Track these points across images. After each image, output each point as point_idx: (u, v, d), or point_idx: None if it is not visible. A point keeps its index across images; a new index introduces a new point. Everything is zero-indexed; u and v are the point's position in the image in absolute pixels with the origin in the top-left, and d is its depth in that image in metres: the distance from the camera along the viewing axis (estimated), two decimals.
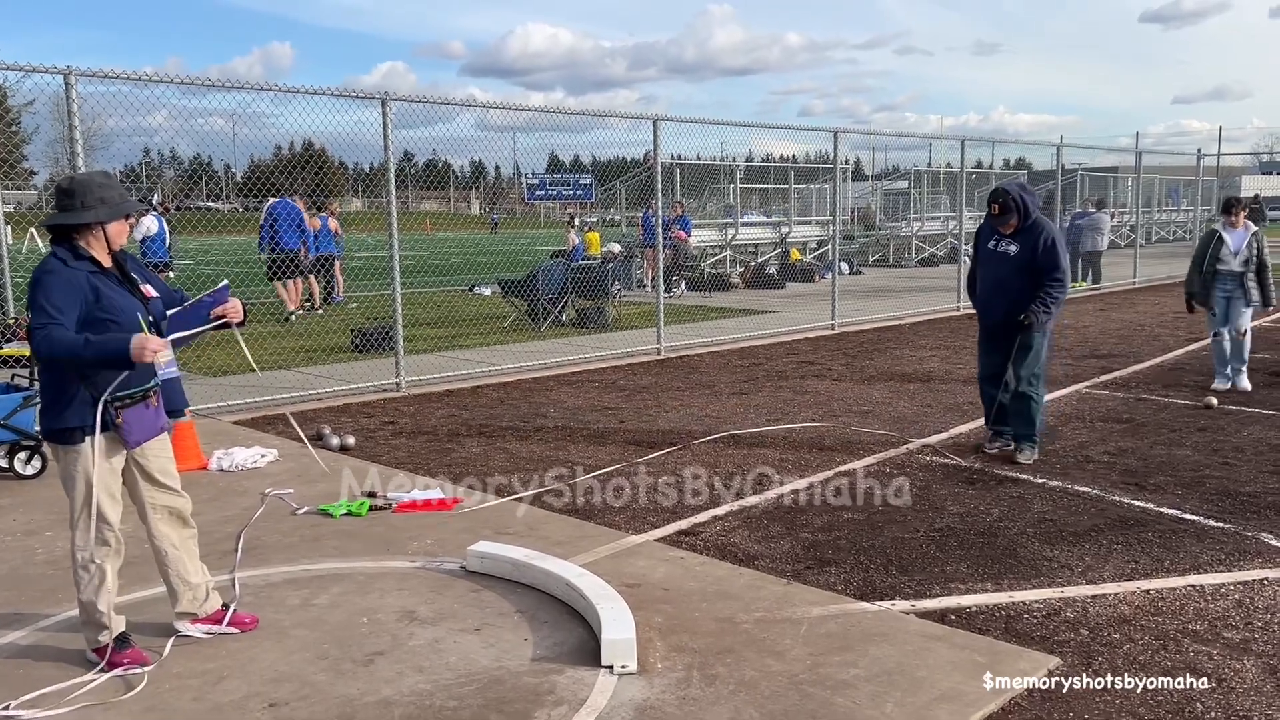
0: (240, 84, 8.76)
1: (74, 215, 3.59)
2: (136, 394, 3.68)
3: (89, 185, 3.62)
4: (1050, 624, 4.09)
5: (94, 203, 3.60)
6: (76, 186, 3.62)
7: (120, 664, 3.69)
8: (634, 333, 12.82)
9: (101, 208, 3.61)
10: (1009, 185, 6.60)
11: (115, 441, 3.65)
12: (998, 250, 6.65)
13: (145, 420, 3.71)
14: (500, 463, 6.75)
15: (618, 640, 3.68)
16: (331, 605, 4.32)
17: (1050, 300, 6.44)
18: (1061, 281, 6.47)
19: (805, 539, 5.16)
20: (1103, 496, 5.87)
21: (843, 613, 4.18)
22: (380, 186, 9.38)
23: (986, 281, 6.79)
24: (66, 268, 3.55)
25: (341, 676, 3.65)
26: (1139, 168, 22.60)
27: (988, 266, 6.77)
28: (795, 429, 7.74)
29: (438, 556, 4.90)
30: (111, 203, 3.64)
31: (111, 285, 3.64)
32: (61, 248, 3.61)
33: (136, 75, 7.76)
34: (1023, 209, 6.48)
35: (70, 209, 3.59)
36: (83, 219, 3.59)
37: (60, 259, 3.57)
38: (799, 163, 25.73)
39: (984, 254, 6.80)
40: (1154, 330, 13.62)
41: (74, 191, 3.60)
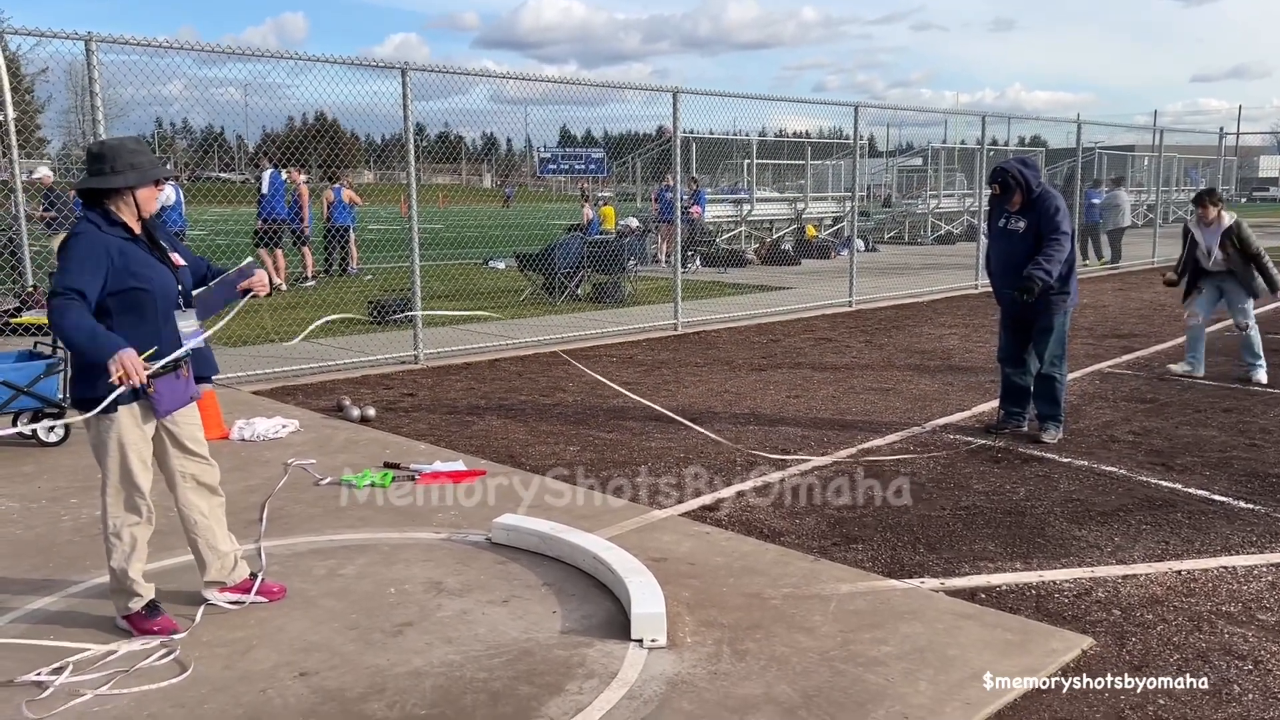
0: (259, 52, 8.69)
1: (105, 180, 3.55)
2: (168, 364, 3.65)
3: (120, 150, 3.59)
4: (1082, 604, 4.05)
5: (124, 168, 3.57)
6: (108, 151, 3.58)
7: (150, 631, 3.69)
8: (650, 308, 12.77)
9: (132, 173, 3.57)
10: (1007, 164, 6.50)
11: (146, 409, 3.63)
12: (1007, 228, 6.54)
13: (176, 390, 3.70)
14: (521, 436, 6.73)
15: (648, 614, 3.67)
16: (358, 575, 4.32)
17: (1047, 261, 6.20)
18: (1060, 242, 6.26)
19: (830, 516, 5.13)
20: (1129, 476, 5.82)
21: (871, 590, 4.15)
22: (392, 159, 9.34)
23: (999, 261, 6.70)
24: (100, 233, 3.53)
25: (371, 647, 3.64)
26: (1160, 146, 22.36)
27: (999, 244, 6.67)
28: (816, 405, 7.70)
29: (462, 529, 4.89)
30: (142, 168, 3.60)
31: (143, 252, 3.62)
32: (94, 213, 3.58)
33: (156, 42, 7.71)
34: (1025, 185, 6.37)
35: (101, 173, 3.56)
36: (113, 184, 3.55)
37: (94, 223, 3.54)
38: (813, 138, 25.48)
39: (995, 232, 6.70)
40: (1174, 310, 13.45)
41: (105, 156, 3.57)
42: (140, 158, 3.61)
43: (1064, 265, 6.37)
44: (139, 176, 3.59)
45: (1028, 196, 6.37)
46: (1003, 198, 6.41)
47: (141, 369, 3.45)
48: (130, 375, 3.41)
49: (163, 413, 3.67)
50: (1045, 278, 6.21)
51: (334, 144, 18.11)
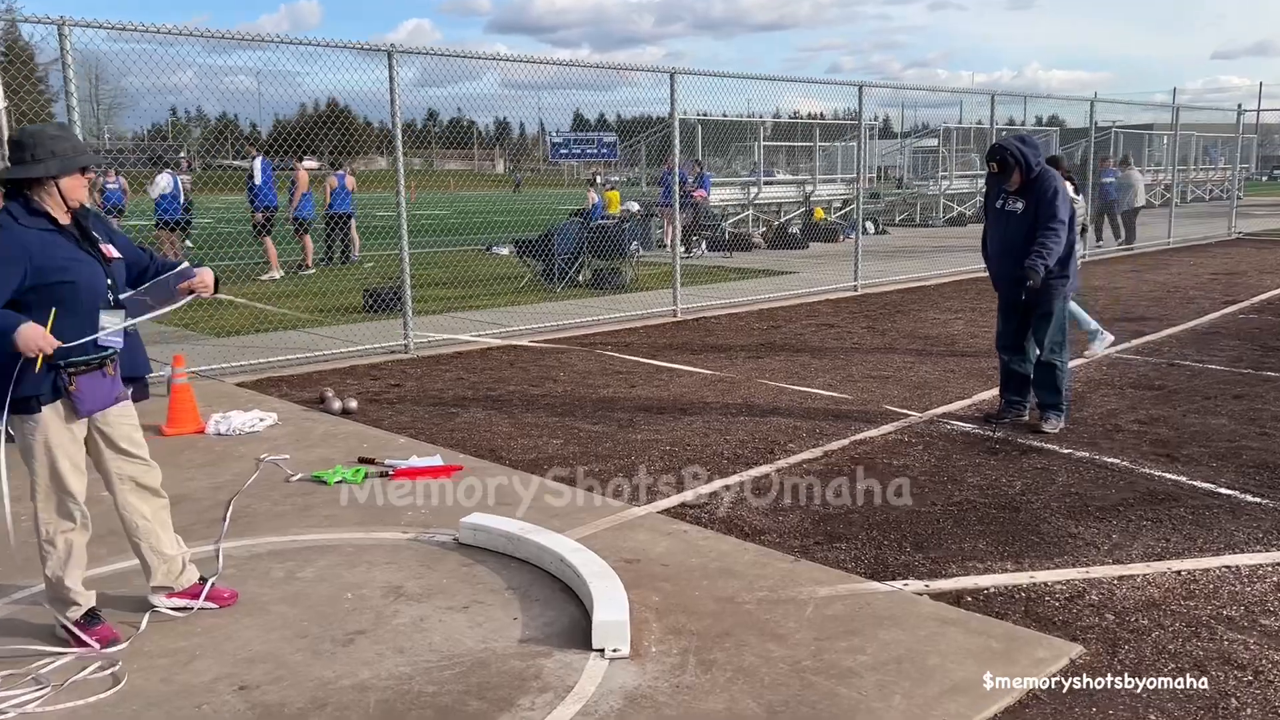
0: (248, 36, 8.48)
1: (23, 169, 3.37)
2: (92, 360, 3.48)
3: (40, 137, 3.40)
4: (1073, 608, 3.84)
5: (45, 155, 3.38)
6: (27, 138, 3.40)
7: (89, 642, 3.53)
8: (650, 294, 12.54)
9: (53, 161, 3.38)
10: (1006, 141, 6.23)
11: (70, 409, 3.46)
12: (1005, 209, 6.27)
13: (100, 388, 3.51)
14: (504, 429, 6.54)
15: (610, 622, 3.48)
16: (316, 579, 4.14)
17: (1045, 249, 5.98)
18: (1056, 231, 6.03)
19: (816, 512, 4.92)
20: (1132, 469, 5.58)
21: (851, 593, 3.95)
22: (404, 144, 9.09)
23: (995, 243, 6.43)
24: (16, 225, 3.35)
25: (319, 657, 3.47)
26: (1176, 124, 21.90)
27: (996, 226, 6.40)
28: (811, 394, 7.48)
29: (431, 528, 4.70)
30: (64, 155, 3.41)
31: (68, 244, 3.43)
32: (15, 204, 3.40)
33: (132, 26, 7.51)
34: (1024, 163, 6.10)
35: (20, 162, 3.38)
36: (32, 173, 3.37)
37: (12, 215, 3.36)
38: (826, 120, 25.13)
39: (993, 214, 6.43)
40: (1188, 292, 13.19)
41: (24, 144, 3.38)
42: (62, 144, 3.42)
43: (1064, 249, 6.13)
44: (60, 165, 3.40)
45: (1026, 176, 6.11)
46: (1000, 176, 6.15)
47: (49, 340, 3.26)
48: (39, 349, 3.24)
49: (84, 412, 3.49)
50: (1043, 268, 5.97)
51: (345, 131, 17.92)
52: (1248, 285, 13.83)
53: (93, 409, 3.51)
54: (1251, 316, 11.13)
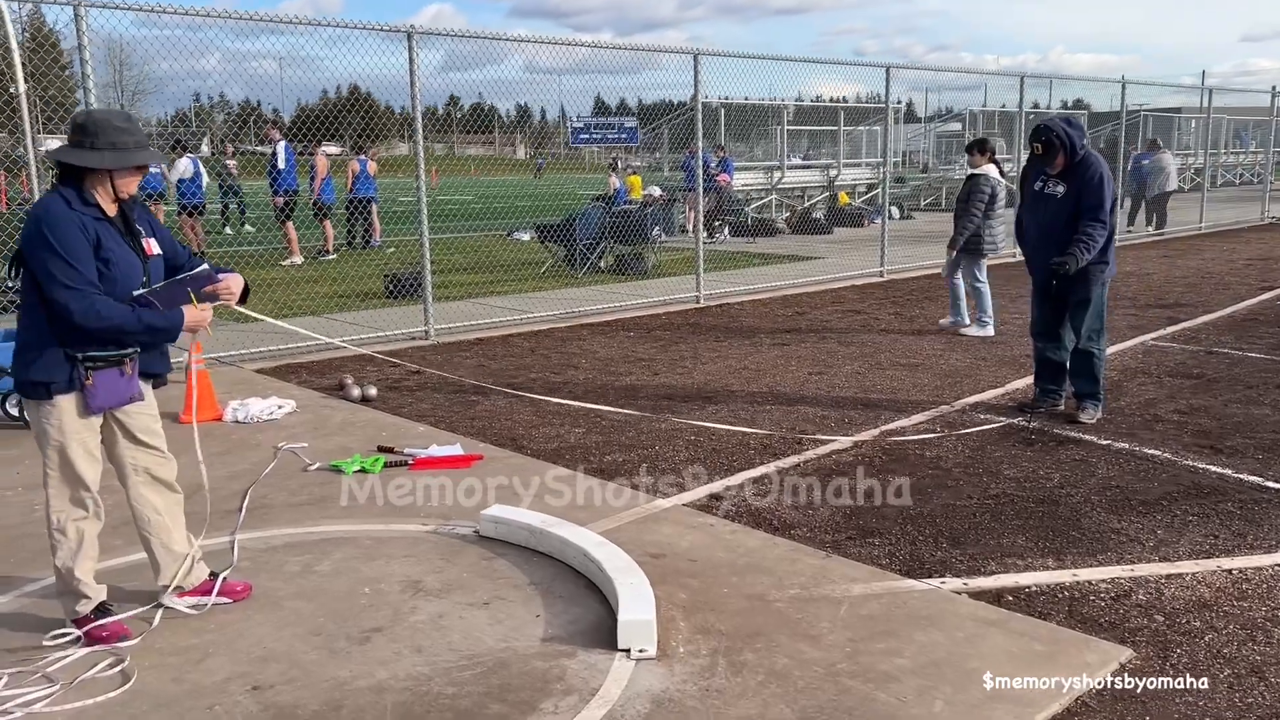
0: (268, 17, 8.36)
1: (79, 155, 3.28)
2: (111, 357, 3.38)
3: (104, 126, 3.30)
4: (1120, 608, 3.67)
5: (104, 145, 3.28)
6: (90, 124, 3.30)
7: (99, 637, 3.42)
8: (673, 280, 12.38)
9: (110, 153, 3.29)
10: (1052, 122, 6.00)
11: (83, 403, 3.35)
12: (1045, 192, 6.05)
13: (115, 385, 3.40)
14: (525, 417, 6.41)
15: (636, 621, 3.34)
16: (333, 573, 4.02)
17: (1088, 242, 5.78)
18: (1102, 222, 5.83)
19: (847, 505, 4.76)
20: (1174, 461, 5.39)
21: (887, 591, 3.79)
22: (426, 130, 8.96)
23: (1033, 228, 6.20)
24: (70, 210, 3.25)
25: (335, 656, 3.35)
26: (1209, 108, 21.45)
27: (1035, 211, 6.18)
28: (839, 381, 7.30)
29: (451, 520, 4.58)
30: (123, 149, 3.31)
31: (113, 236, 3.34)
32: (69, 189, 3.30)
33: (149, 8, 7.39)
34: (1069, 145, 5.88)
35: (79, 146, 3.29)
36: (87, 161, 3.27)
37: (66, 201, 3.27)
38: (849, 104, 24.80)
39: (1031, 197, 6.21)
40: (1224, 278, 12.89)
41: (86, 129, 3.29)
42: (124, 137, 3.31)
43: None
44: (116, 158, 3.29)
45: (1070, 159, 5.89)
46: (1044, 158, 5.91)
47: (207, 312, 3.46)
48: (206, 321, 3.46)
49: (95, 408, 3.36)
50: (1084, 258, 5.76)
51: (368, 116, 17.83)
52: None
53: (104, 406, 3.39)
54: None
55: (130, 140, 3.33)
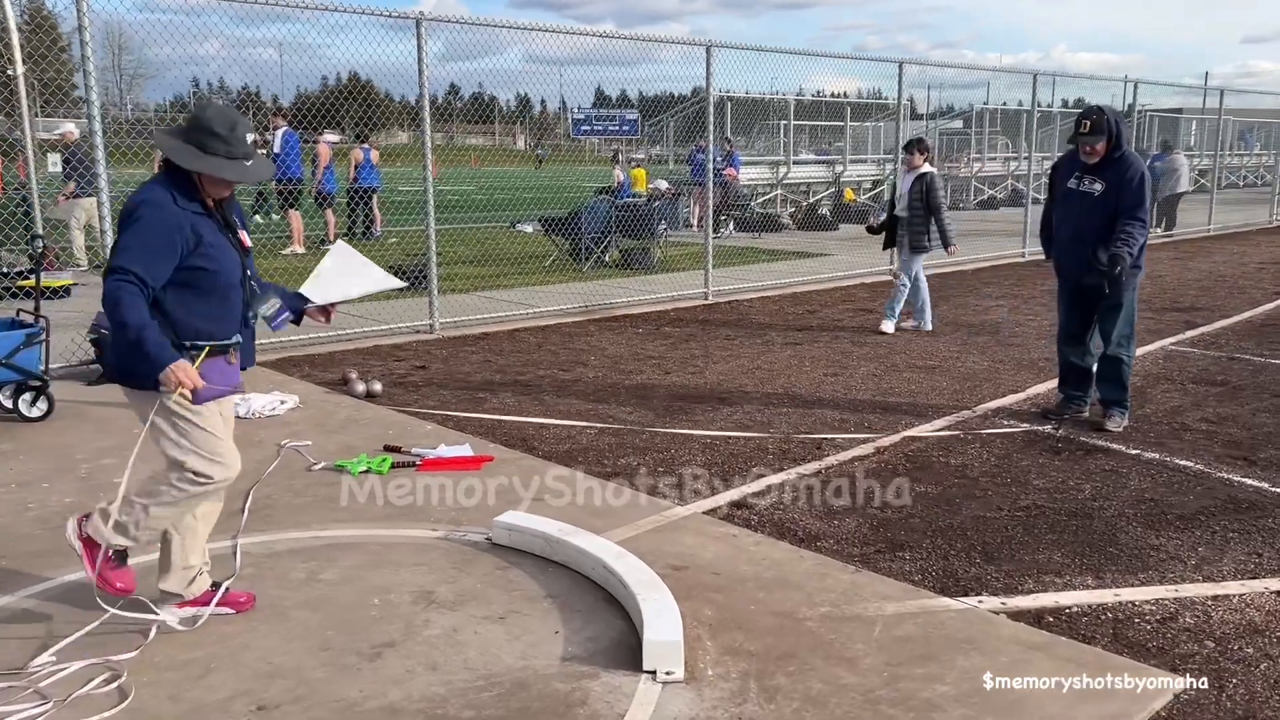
0: (272, 1, 8.14)
1: (173, 144, 3.16)
2: (217, 347, 3.27)
3: (203, 125, 3.16)
4: (1167, 632, 3.50)
5: (194, 144, 3.16)
6: (195, 118, 3.19)
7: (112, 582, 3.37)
8: (680, 275, 12.19)
9: (193, 153, 3.15)
10: (1104, 106, 5.81)
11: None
12: (1079, 189, 5.80)
13: (223, 376, 3.31)
14: (535, 417, 6.23)
15: (662, 642, 3.16)
16: (340, 581, 3.84)
17: (1131, 240, 5.56)
18: (1143, 222, 5.62)
19: (873, 516, 4.58)
20: (1207, 473, 5.22)
21: (922, 610, 3.62)
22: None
23: (1065, 227, 5.96)
24: (174, 207, 3.13)
25: (344, 673, 3.17)
26: (1220, 109, 21.26)
27: (1067, 209, 5.93)
28: (855, 384, 7.13)
29: (462, 526, 4.40)
30: (211, 154, 3.15)
31: (214, 230, 3.23)
32: (174, 181, 3.18)
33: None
34: (1115, 133, 5.66)
35: (182, 135, 3.17)
36: (174, 154, 3.15)
37: (170, 193, 3.14)
38: (855, 100, 24.64)
39: (1062, 194, 5.96)
40: (1237, 281, 12.72)
41: (192, 122, 3.17)
42: (216, 144, 3.16)
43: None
44: (197, 161, 3.15)
45: (1112, 150, 5.67)
46: (1088, 137, 5.67)
47: (196, 377, 3.11)
48: (186, 384, 3.08)
49: (202, 399, 3.23)
50: (1128, 253, 5.56)
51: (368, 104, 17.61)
52: None
53: (209, 396, 3.26)
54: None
55: (221, 148, 3.16)
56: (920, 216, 8.92)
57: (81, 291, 10.46)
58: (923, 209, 8.90)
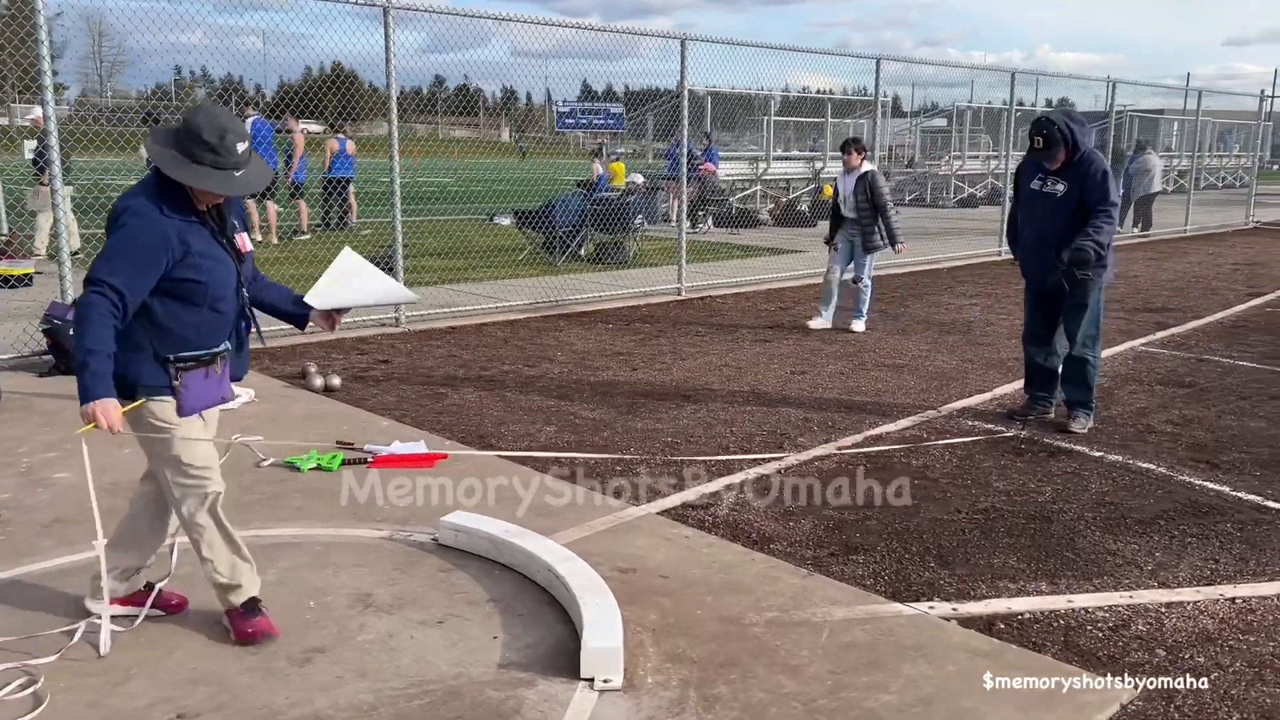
0: None
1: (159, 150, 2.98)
2: (202, 357, 3.17)
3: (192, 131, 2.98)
4: (1119, 640, 3.43)
5: (180, 151, 2.99)
6: (185, 122, 3.01)
7: (247, 633, 3.28)
8: (654, 270, 12.10)
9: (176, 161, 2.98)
10: (1054, 115, 5.74)
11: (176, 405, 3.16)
12: (1043, 191, 5.74)
13: (206, 387, 3.21)
14: (496, 413, 6.13)
15: (601, 649, 3.07)
16: (277, 583, 3.73)
17: (1097, 232, 5.50)
18: (1110, 214, 5.55)
19: (830, 517, 4.51)
20: (1170, 476, 5.17)
21: (871, 616, 3.54)
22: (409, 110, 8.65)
23: (1029, 228, 5.90)
24: (161, 217, 2.98)
25: (270, 678, 3.06)
26: (1198, 110, 21.33)
27: (1030, 210, 5.87)
28: (822, 382, 7.06)
29: (408, 525, 4.30)
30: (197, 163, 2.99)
31: (206, 238, 3.09)
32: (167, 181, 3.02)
33: None
34: (1071, 140, 5.60)
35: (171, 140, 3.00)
36: (160, 160, 2.98)
37: (157, 203, 2.99)
38: (836, 96, 24.55)
39: (1025, 195, 5.90)
40: (1210, 283, 12.73)
41: (182, 126, 3.01)
42: (203, 152, 2.98)
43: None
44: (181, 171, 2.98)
45: (1071, 156, 5.62)
46: (1045, 152, 5.63)
47: (118, 423, 2.95)
48: (101, 425, 2.92)
49: (187, 410, 3.15)
50: (1095, 250, 5.51)
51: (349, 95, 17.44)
52: (1271, 277, 13.38)
53: (196, 408, 3.18)
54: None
55: (208, 158, 2.99)
56: (869, 216, 8.76)
57: (40, 280, 10.28)
58: (869, 208, 8.74)
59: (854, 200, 8.79)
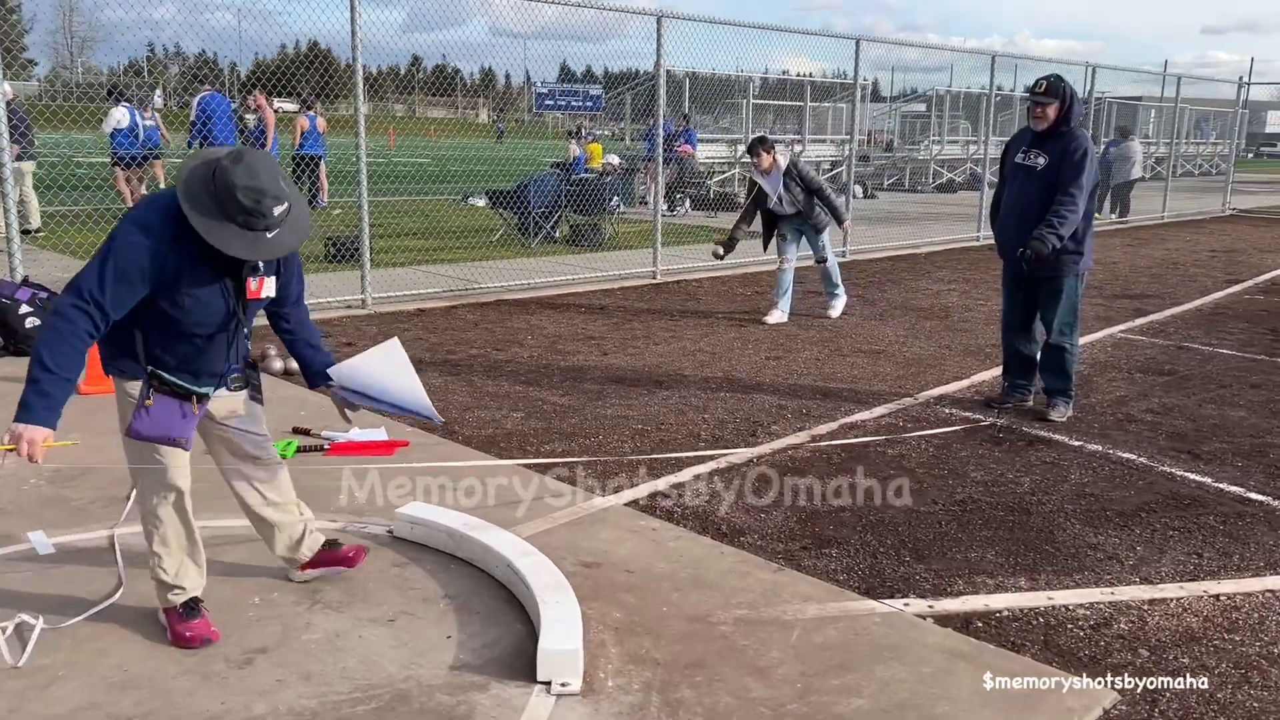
0: None
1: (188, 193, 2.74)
2: (178, 388, 2.96)
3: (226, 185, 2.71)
4: (1100, 638, 3.30)
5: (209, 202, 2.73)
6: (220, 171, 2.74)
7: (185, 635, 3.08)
8: (630, 253, 11.91)
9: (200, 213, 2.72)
10: (1062, 76, 5.59)
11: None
12: (1024, 164, 5.59)
13: (169, 420, 2.96)
14: (460, 399, 5.94)
15: (559, 650, 2.91)
16: (221, 576, 3.54)
17: (1059, 219, 5.35)
18: (1074, 199, 5.37)
19: (802, 509, 4.36)
20: (1150, 466, 5.05)
21: (844, 614, 3.40)
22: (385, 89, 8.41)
23: (1009, 201, 5.75)
24: (163, 244, 2.75)
25: (207, 682, 2.88)
26: (1176, 97, 21.29)
27: (1012, 184, 5.73)
28: (797, 368, 6.91)
29: (364, 516, 4.11)
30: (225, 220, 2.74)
31: (205, 278, 2.85)
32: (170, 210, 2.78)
33: None
34: (1068, 105, 5.44)
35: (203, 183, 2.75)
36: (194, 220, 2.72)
37: (172, 227, 2.76)
38: (816, 79, 24.35)
39: (1010, 171, 5.76)
40: (1189, 270, 12.68)
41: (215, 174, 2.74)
42: (236, 212, 2.73)
43: (1082, 222, 5.52)
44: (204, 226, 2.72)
45: (1060, 120, 5.45)
46: (1042, 97, 5.45)
47: (39, 455, 2.71)
48: (20, 452, 2.70)
49: (132, 432, 2.94)
50: (1055, 241, 5.38)
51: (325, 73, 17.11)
52: (1249, 264, 13.35)
53: (145, 435, 2.94)
54: (1258, 298, 10.63)
55: (238, 217, 2.73)
56: (809, 204, 8.35)
57: None
58: (807, 196, 8.32)
59: (789, 196, 8.30)
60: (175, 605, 3.11)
